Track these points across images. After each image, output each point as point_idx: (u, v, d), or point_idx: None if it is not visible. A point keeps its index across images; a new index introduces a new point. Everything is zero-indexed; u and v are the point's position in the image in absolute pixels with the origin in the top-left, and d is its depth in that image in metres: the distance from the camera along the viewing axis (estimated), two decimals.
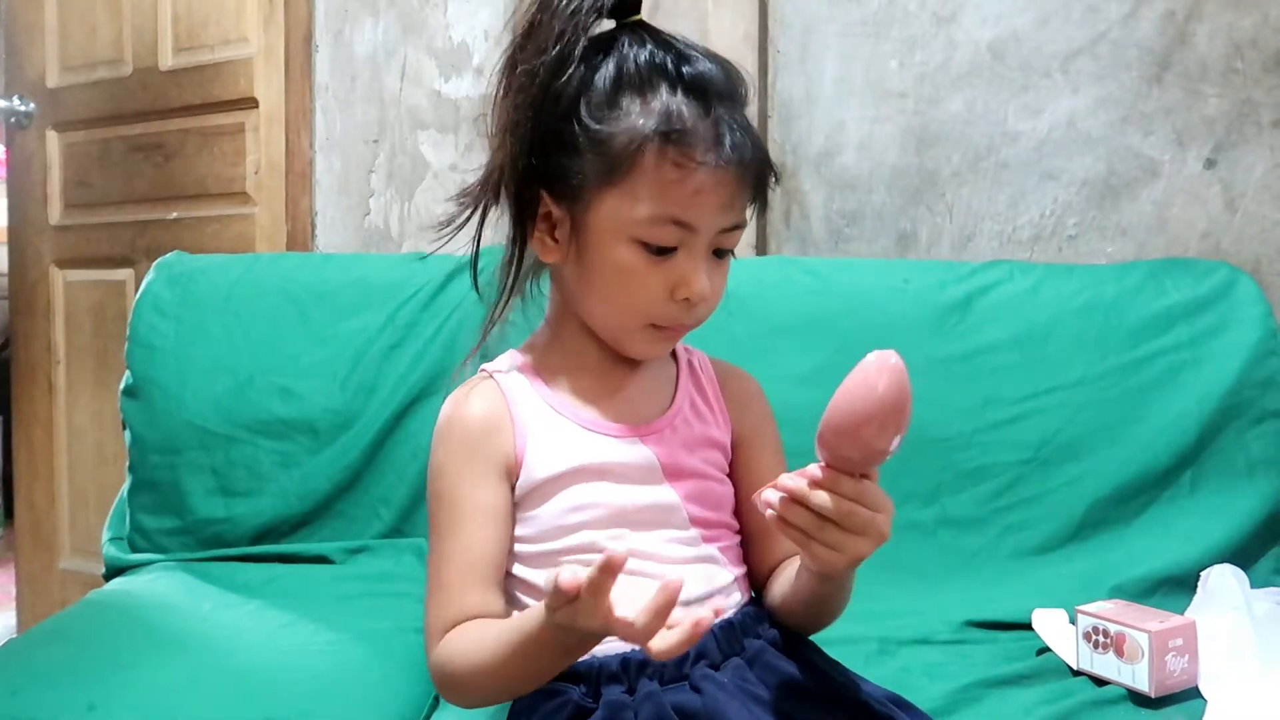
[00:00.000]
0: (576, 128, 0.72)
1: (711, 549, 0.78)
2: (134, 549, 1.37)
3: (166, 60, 1.92)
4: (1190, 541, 1.16)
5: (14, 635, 2.26)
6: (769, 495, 0.66)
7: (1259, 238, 1.43)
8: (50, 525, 2.12)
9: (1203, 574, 1.07)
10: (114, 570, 1.35)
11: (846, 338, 1.27)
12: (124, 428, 1.41)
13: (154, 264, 1.50)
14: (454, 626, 0.73)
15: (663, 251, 0.72)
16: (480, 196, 0.78)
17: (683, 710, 0.69)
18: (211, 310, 1.41)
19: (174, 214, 1.93)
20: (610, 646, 0.71)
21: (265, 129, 1.81)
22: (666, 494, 0.76)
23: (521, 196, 0.75)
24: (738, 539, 0.82)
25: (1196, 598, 1.06)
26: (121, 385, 1.41)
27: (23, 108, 2.09)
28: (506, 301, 0.80)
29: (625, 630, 0.57)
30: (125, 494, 1.40)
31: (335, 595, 1.20)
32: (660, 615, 0.56)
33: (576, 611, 0.59)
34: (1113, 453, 1.21)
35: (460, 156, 1.69)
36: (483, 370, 0.81)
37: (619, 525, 0.75)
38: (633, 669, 0.71)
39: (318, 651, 1.04)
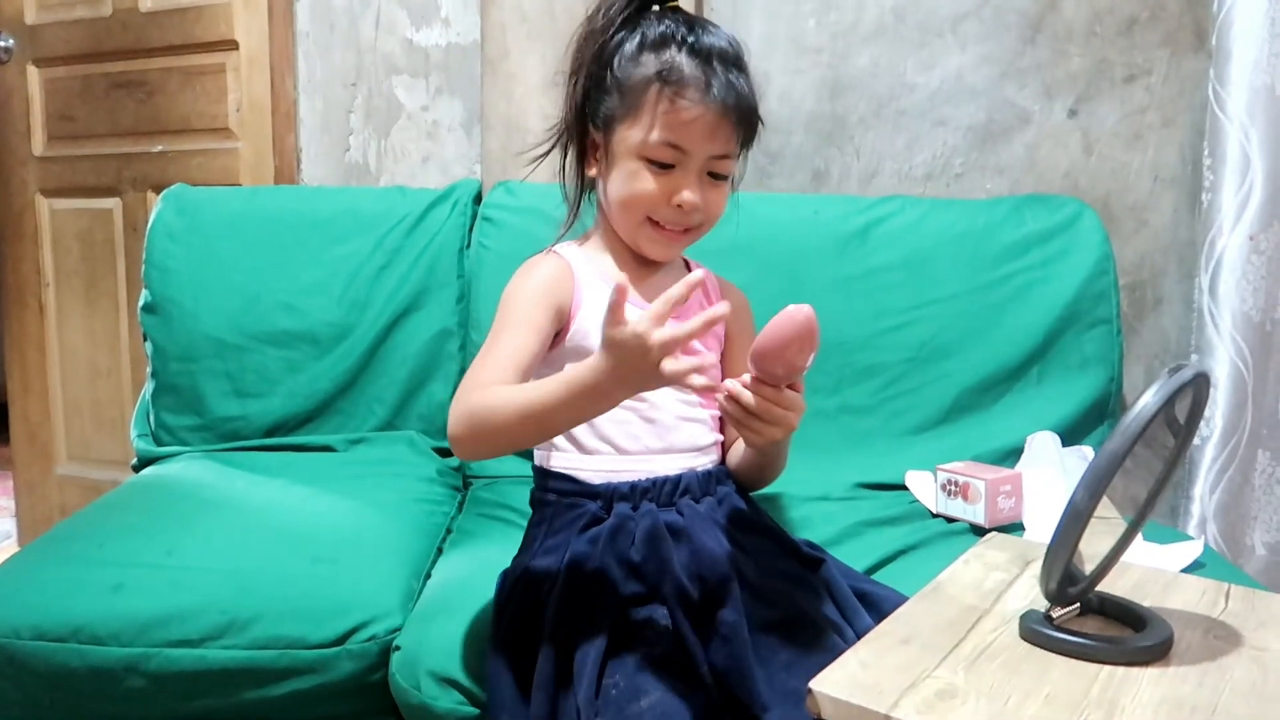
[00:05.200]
0: (610, 77, 0.97)
1: (704, 414, 1.04)
2: (159, 443, 1.59)
3: (146, 2, 2.04)
4: (1036, 422, 1.43)
5: (13, 539, 2.44)
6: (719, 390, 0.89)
7: (1110, 176, 1.69)
8: (46, 435, 2.28)
9: (1028, 438, 1.36)
10: (145, 461, 1.55)
11: (766, 259, 1.51)
12: (145, 339, 1.60)
13: (161, 195, 1.67)
14: (488, 385, 0.90)
15: (664, 167, 0.96)
16: (561, 133, 1.03)
17: (670, 526, 0.93)
18: (219, 236, 1.60)
19: (159, 147, 2.08)
20: (622, 476, 0.97)
21: (246, 69, 1.96)
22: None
23: (578, 127, 1.01)
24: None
25: (1023, 456, 1.35)
26: (140, 302, 1.60)
27: (2, 43, 2.19)
28: (576, 208, 1.05)
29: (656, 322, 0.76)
30: (148, 396, 1.60)
31: (343, 475, 1.40)
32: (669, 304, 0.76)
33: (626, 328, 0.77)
34: (977, 352, 1.47)
35: (430, 99, 1.87)
36: (549, 250, 1.04)
37: None
38: (638, 493, 0.97)
39: (340, 514, 1.26)
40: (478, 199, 1.66)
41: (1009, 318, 1.48)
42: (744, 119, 0.97)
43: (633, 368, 0.79)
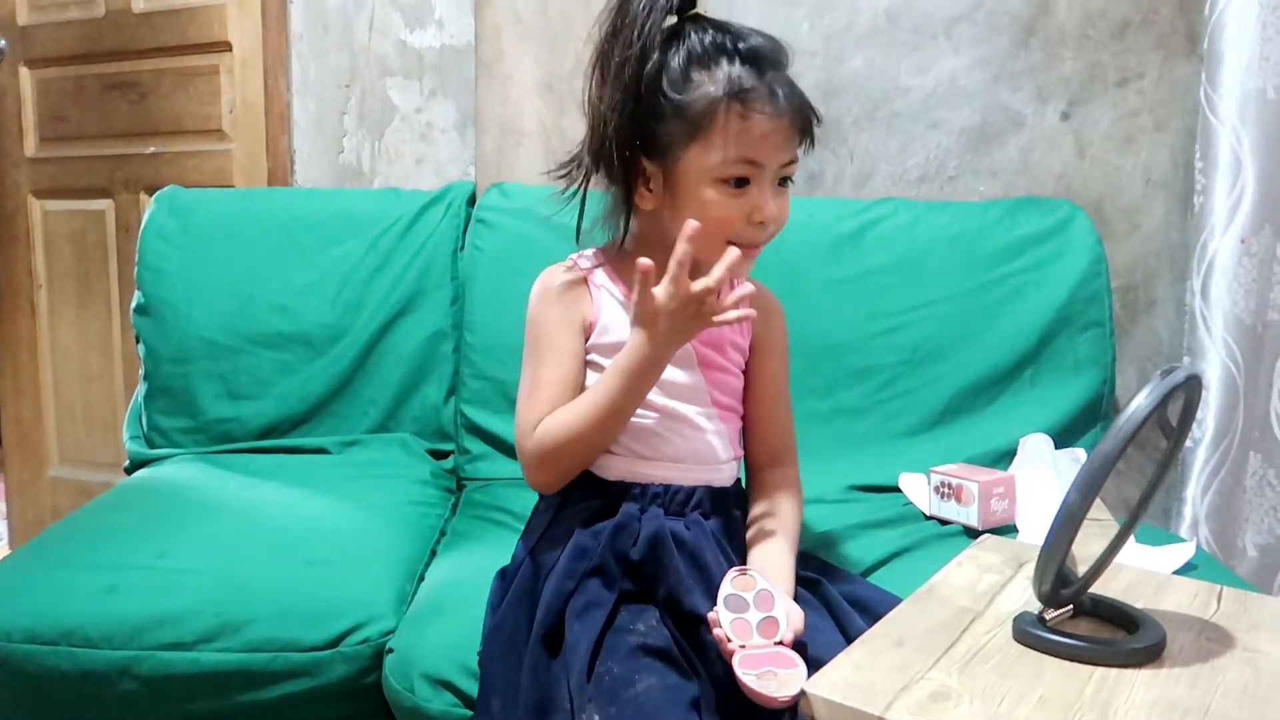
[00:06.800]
0: (662, 101, 0.91)
1: (724, 427, 1.01)
2: (151, 446, 1.58)
3: (139, 3, 2.04)
4: (1029, 424, 1.43)
5: (4, 542, 2.43)
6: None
7: (1103, 179, 1.69)
8: (38, 437, 2.27)
9: (1021, 440, 1.37)
10: (137, 464, 1.54)
11: (760, 261, 1.47)
12: (137, 341, 1.60)
13: (153, 196, 1.67)
14: (544, 419, 0.94)
15: (740, 184, 0.92)
16: (583, 165, 0.98)
17: (674, 535, 0.92)
18: (212, 238, 1.60)
19: (151, 148, 2.07)
20: (636, 479, 0.96)
21: (240, 71, 1.95)
22: (697, 377, 0.99)
23: (624, 159, 0.93)
24: (741, 424, 1.05)
25: (1016, 458, 1.35)
26: (133, 304, 1.60)
27: None
28: (623, 239, 1.01)
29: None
30: (140, 399, 1.60)
31: (337, 478, 1.40)
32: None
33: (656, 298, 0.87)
34: (971, 354, 1.47)
35: (424, 101, 1.87)
36: (570, 259, 1.02)
37: (663, 392, 0.97)
38: (647, 497, 0.96)
39: (334, 516, 1.27)
40: (471, 201, 1.66)
41: (1002, 320, 1.48)
42: (805, 120, 0.94)
43: (673, 324, 0.88)
